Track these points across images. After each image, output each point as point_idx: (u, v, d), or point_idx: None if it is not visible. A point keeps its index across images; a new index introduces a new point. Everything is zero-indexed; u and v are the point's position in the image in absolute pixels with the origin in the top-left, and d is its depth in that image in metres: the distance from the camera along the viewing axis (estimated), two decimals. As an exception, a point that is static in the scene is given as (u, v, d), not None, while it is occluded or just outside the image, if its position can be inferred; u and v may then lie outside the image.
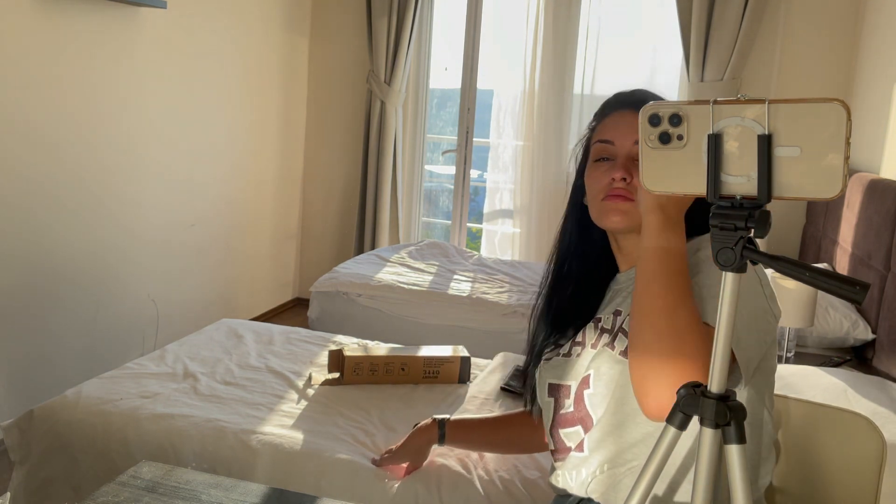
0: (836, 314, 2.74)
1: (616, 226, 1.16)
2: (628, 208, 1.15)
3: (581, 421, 1.18)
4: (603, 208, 1.17)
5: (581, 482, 1.16)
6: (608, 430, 1.13)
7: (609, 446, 1.13)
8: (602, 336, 1.18)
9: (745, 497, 0.79)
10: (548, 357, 1.28)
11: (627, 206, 1.15)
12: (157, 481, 1.14)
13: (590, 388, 1.17)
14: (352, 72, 4.61)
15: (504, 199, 4.47)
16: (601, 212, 1.17)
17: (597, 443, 1.15)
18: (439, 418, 1.58)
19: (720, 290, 0.79)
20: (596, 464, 1.14)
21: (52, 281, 2.86)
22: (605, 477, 1.13)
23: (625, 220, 1.15)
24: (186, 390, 2.05)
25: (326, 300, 3.49)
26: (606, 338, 1.17)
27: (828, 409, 1.25)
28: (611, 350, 1.15)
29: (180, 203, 3.60)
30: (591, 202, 1.20)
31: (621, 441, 1.12)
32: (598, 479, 1.14)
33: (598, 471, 1.14)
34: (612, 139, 1.19)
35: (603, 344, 1.17)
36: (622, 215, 1.15)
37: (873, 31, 3.46)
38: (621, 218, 1.15)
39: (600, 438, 1.14)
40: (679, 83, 4.09)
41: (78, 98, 2.90)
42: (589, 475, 1.15)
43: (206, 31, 3.64)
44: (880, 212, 2.69)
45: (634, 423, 1.11)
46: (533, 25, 4.22)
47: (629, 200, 1.15)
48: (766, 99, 0.73)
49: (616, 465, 1.12)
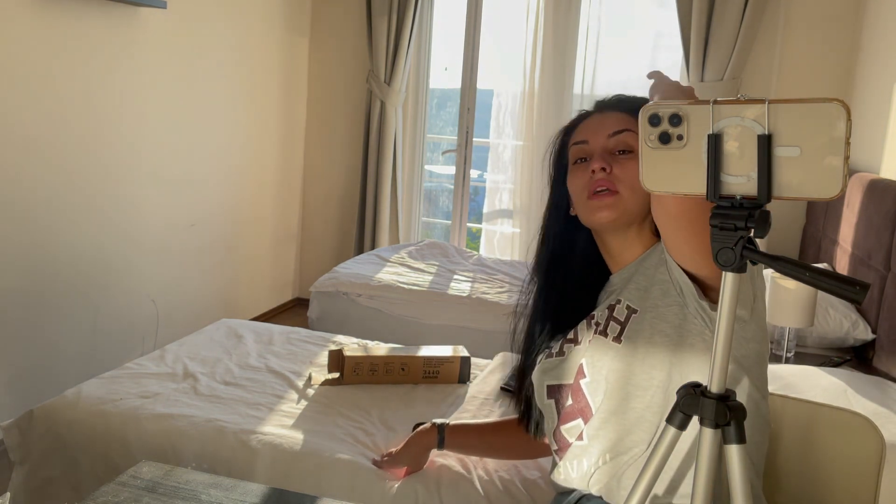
0: (836, 314, 2.73)
1: (605, 220, 1.16)
2: (613, 202, 1.15)
3: (581, 412, 1.18)
4: (589, 206, 1.17)
5: (583, 474, 1.16)
6: (606, 416, 1.14)
7: (609, 433, 1.13)
8: (597, 328, 1.19)
9: (745, 497, 0.79)
10: (542, 360, 1.28)
11: (612, 199, 1.15)
12: (157, 481, 1.14)
13: (586, 377, 1.17)
14: (352, 72, 4.61)
15: (503, 199, 4.47)
16: (588, 210, 1.18)
17: (596, 430, 1.15)
18: (439, 423, 1.58)
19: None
20: (597, 453, 1.14)
21: (52, 281, 2.86)
22: (607, 468, 1.13)
23: (613, 212, 1.15)
24: (186, 390, 2.05)
25: (326, 300, 3.49)
26: (601, 328, 1.18)
27: (828, 409, 1.25)
28: (603, 337, 1.16)
29: (180, 203, 3.60)
30: (577, 205, 1.21)
31: (620, 426, 1.12)
32: (601, 471, 1.14)
33: (599, 461, 1.14)
34: (585, 138, 1.22)
35: (597, 333, 1.18)
36: (609, 209, 1.15)
37: (873, 31, 3.46)
38: (609, 212, 1.15)
39: (599, 426, 1.14)
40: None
41: (78, 98, 2.90)
42: (591, 466, 1.15)
43: (206, 31, 3.64)
44: (880, 212, 2.69)
45: (631, 406, 1.12)
46: (533, 25, 4.22)
47: (614, 193, 1.15)
48: (766, 99, 0.73)
49: (617, 453, 1.12)
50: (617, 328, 1.14)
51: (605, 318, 1.18)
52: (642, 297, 1.14)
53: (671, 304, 1.10)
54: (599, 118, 1.23)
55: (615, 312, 1.16)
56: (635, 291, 1.15)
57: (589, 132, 1.22)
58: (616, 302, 1.17)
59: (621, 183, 1.16)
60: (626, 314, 1.14)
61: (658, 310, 1.11)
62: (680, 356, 1.08)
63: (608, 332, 1.15)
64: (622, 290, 1.18)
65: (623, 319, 1.14)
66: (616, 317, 1.15)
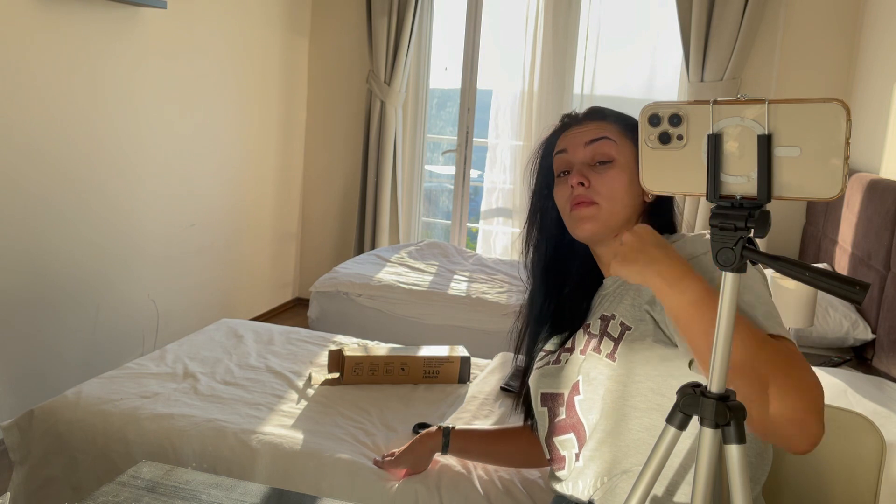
0: (836, 314, 2.74)
1: (586, 233, 1.19)
2: (593, 213, 1.17)
3: (573, 428, 1.18)
4: (571, 219, 1.20)
5: (579, 494, 1.16)
6: (602, 437, 1.13)
7: (605, 455, 1.13)
8: (591, 341, 1.18)
9: (745, 497, 0.79)
10: (539, 366, 1.28)
11: (592, 210, 1.17)
12: (157, 481, 1.14)
13: (580, 395, 1.17)
14: (352, 72, 4.61)
15: (502, 199, 4.47)
16: (572, 223, 1.20)
17: (592, 451, 1.14)
18: (444, 427, 1.58)
19: (750, 288, 0.77)
20: (594, 475, 1.14)
21: (52, 281, 2.86)
22: (604, 489, 1.13)
23: (593, 225, 1.17)
24: (186, 390, 2.05)
25: (326, 300, 3.49)
26: (595, 342, 1.17)
27: (828, 409, 1.25)
28: (598, 354, 1.15)
29: (180, 203, 3.60)
30: (563, 217, 1.23)
31: (617, 448, 1.12)
32: (599, 492, 1.14)
33: (598, 482, 1.14)
34: (564, 147, 1.24)
35: (591, 349, 1.17)
36: (590, 221, 1.17)
37: (873, 31, 3.46)
38: (590, 225, 1.17)
39: (596, 447, 1.14)
40: (679, 83, 4.09)
41: (77, 98, 2.90)
42: (587, 488, 1.15)
43: (206, 31, 3.64)
44: (880, 212, 2.69)
45: (627, 428, 1.11)
46: (533, 25, 4.22)
47: (593, 204, 1.17)
48: (766, 99, 0.73)
49: (613, 475, 1.12)
50: (611, 344, 1.14)
51: (599, 330, 1.17)
52: (637, 315, 1.13)
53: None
54: (579, 128, 1.25)
55: (609, 328, 1.15)
56: (630, 309, 1.14)
57: (568, 141, 1.24)
58: (611, 316, 1.16)
59: (599, 195, 1.18)
60: (619, 330, 1.14)
61: (651, 330, 1.11)
62: (679, 378, 1.06)
63: (601, 349, 1.15)
64: (617, 303, 1.17)
65: (617, 336, 1.14)
66: (610, 332, 1.15)
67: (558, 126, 1.31)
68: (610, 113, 1.26)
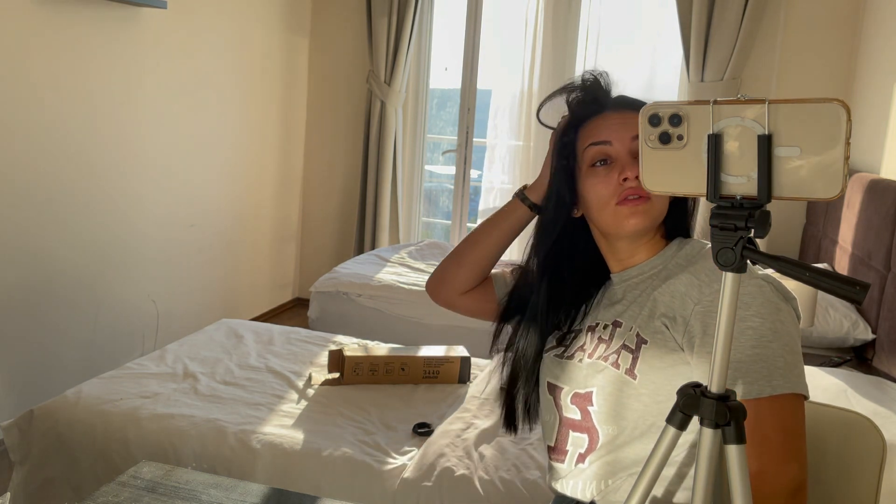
0: (836, 314, 2.74)
1: (638, 227, 1.12)
2: (646, 208, 1.11)
3: (588, 430, 1.16)
4: (619, 213, 1.12)
5: (580, 494, 1.16)
6: (617, 447, 1.12)
7: (614, 461, 1.12)
8: (599, 346, 1.15)
9: (745, 497, 0.79)
10: (548, 349, 1.26)
11: (646, 206, 1.11)
12: (157, 481, 1.14)
13: (594, 405, 1.14)
14: (352, 72, 4.61)
15: (500, 198, 4.47)
16: (616, 217, 1.13)
17: (601, 457, 1.13)
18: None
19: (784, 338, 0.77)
20: (598, 478, 1.14)
21: (52, 281, 2.86)
22: (607, 490, 1.13)
23: (645, 220, 1.12)
24: (186, 390, 2.05)
25: (326, 300, 3.49)
26: (603, 349, 1.14)
27: (828, 409, 1.25)
28: (615, 369, 1.11)
29: (180, 203, 3.60)
30: (600, 210, 1.15)
31: (626, 457, 1.11)
32: (601, 493, 1.13)
33: (602, 484, 1.13)
34: (608, 139, 1.14)
35: (599, 356, 1.14)
36: (642, 216, 1.11)
37: (873, 31, 3.46)
38: (641, 219, 1.11)
39: (605, 453, 1.13)
40: (679, 83, 4.09)
41: (77, 98, 2.90)
42: (590, 490, 1.15)
43: (206, 31, 3.64)
44: (880, 212, 2.69)
45: (630, 445, 1.11)
46: (533, 25, 4.22)
47: (647, 199, 1.11)
48: (766, 99, 0.73)
49: (619, 478, 1.12)
50: (629, 358, 1.10)
51: (610, 336, 1.14)
52: (653, 327, 1.10)
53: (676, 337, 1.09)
54: (620, 118, 1.15)
55: (626, 339, 1.12)
56: (648, 320, 1.11)
57: (611, 132, 1.15)
58: (625, 325, 1.13)
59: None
60: (636, 342, 1.10)
61: (668, 344, 1.08)
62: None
63: (620, 364, 1.11)
64: (626, 308, 1.15)
65: (634, 348, 1.10)
66: (627, 345, 1.11)
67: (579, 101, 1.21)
68: (640, 105, 1.18)
